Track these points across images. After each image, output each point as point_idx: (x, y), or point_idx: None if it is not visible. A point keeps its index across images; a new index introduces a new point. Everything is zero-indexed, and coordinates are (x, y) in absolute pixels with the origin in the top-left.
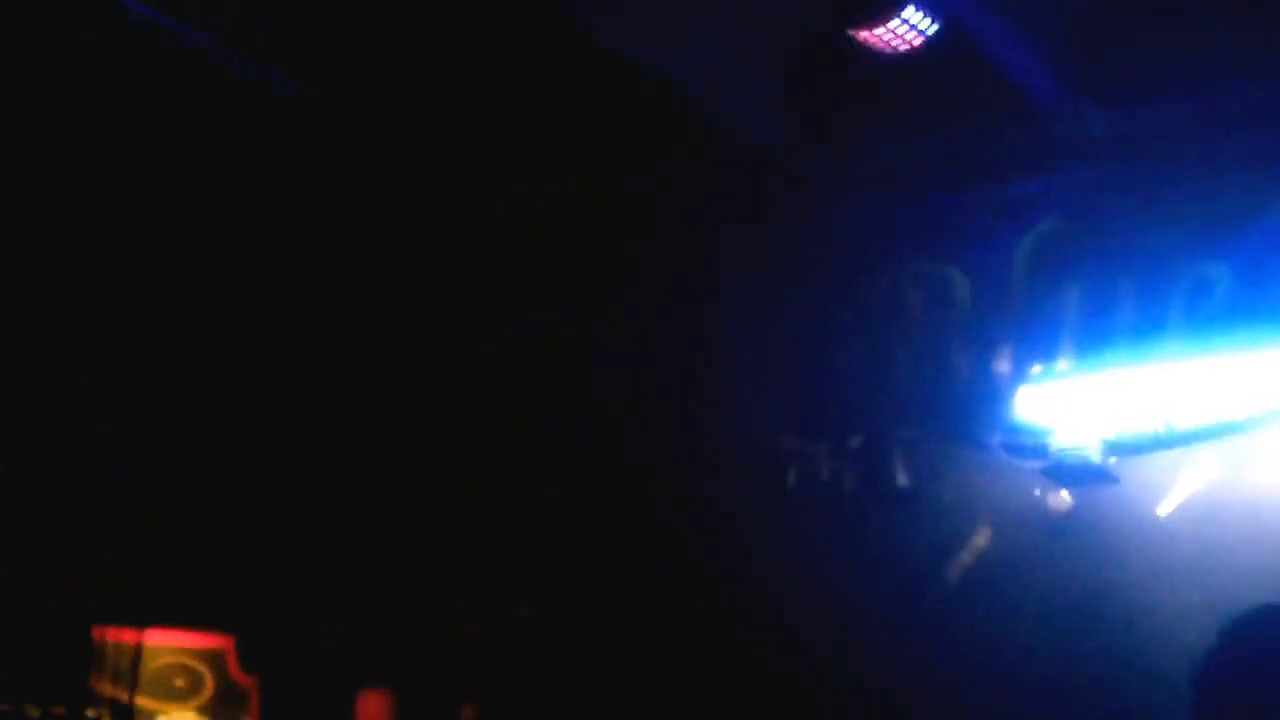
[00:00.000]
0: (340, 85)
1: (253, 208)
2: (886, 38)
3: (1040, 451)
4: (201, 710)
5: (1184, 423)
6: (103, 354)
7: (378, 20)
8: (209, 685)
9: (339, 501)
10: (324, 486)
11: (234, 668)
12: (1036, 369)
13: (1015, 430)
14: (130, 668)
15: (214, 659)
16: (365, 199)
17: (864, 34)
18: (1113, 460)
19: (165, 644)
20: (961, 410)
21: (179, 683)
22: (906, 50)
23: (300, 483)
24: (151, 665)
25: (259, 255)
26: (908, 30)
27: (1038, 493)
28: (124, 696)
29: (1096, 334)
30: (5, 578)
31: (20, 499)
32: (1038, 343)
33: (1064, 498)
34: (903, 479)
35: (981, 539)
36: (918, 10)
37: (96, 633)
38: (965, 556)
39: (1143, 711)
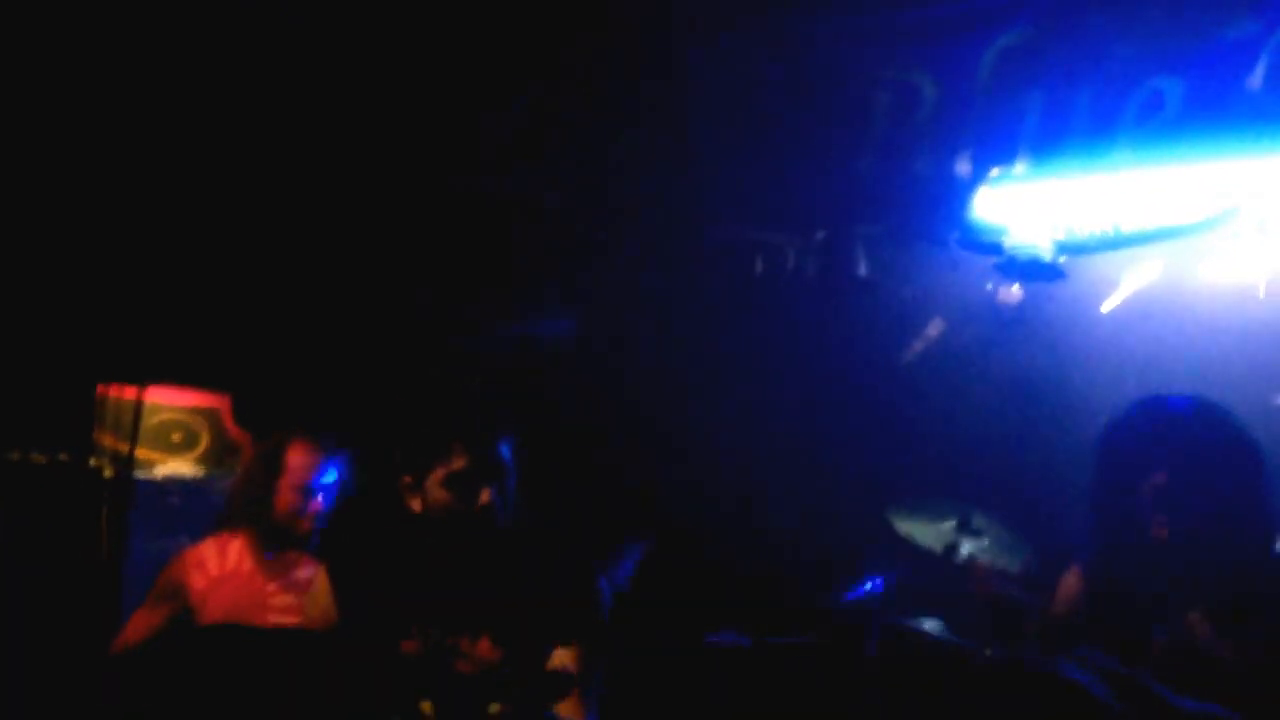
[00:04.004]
0: None
1: None
2: None
3: (995, 248)
4: (197, 461)
5: (1131, 226)
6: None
7: None
8: (204, 440)
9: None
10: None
11: (228, 424)
12: (994, 172)
13: (972, 228)
14: (131, 422)
15: (209, 416)
16: None
17: None
18: (1062, 259)
19: (164, 401)
20: (922, 208)
21: (176, 437)
22: None
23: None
24: (151, 421)
25: None
26: None
27: (990, 286)
28: (124, 448)
29: (1053, 140)
30: (13, 336)
31: (27, 262)
32: (996, 147)
33: (1015, 292)
34: (863, 270)
35: (936, 328)
36: None
37: (100, 390)
38: (920, 344)
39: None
